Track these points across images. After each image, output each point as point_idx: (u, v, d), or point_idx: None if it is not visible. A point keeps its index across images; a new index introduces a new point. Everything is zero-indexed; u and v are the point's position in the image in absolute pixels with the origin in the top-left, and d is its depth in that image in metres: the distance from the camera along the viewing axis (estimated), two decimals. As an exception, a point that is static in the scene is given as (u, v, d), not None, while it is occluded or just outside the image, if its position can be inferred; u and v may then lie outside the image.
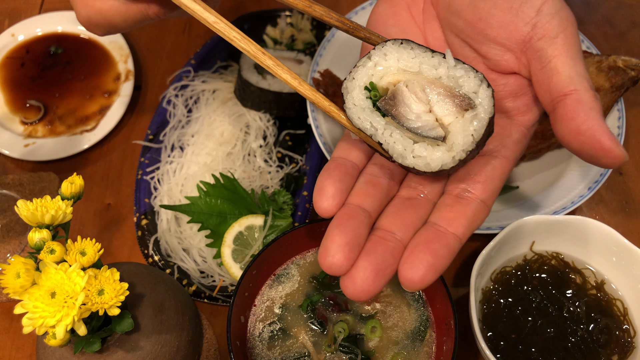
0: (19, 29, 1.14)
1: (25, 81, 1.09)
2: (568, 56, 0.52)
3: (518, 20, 0.54)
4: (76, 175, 0.65)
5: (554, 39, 0.53)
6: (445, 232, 0.51)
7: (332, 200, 0.53)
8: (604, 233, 0.73)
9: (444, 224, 0.52)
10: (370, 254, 0.49)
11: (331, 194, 0.53)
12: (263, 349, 0.71)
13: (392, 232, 0.52)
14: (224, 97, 1.02)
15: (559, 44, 0.53)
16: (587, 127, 0.50)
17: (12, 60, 1.12)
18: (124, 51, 1.11)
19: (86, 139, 1.01)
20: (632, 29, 1.14)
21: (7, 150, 0.99)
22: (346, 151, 0.57)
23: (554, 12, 0.53)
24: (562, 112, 0.52)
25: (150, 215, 0.91)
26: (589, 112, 0.50)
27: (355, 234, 0.50)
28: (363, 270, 0.48)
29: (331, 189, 0.53)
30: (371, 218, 0.53)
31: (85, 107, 1.06)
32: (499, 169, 0.55)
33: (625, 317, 0.73)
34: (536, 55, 0.54)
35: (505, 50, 0.56)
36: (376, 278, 0.48)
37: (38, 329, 0.53)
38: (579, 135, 0.50)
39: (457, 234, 0.51)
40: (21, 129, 1.03)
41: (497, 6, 0.55)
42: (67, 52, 1.13)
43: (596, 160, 0.51)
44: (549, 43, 0.53)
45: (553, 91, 0.53)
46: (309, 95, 0.56)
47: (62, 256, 0.58)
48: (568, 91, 0.52)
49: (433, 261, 0.49)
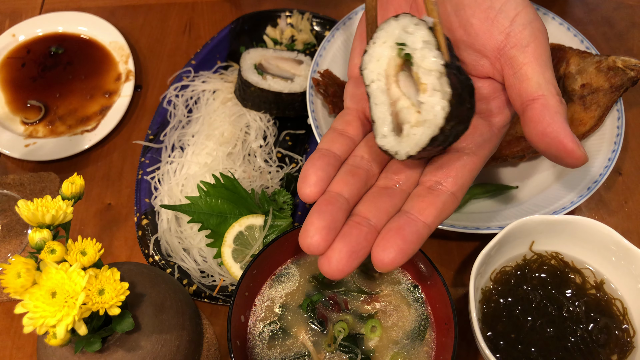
0: (19, 30, 1.15)
1: (25, 81, 1.10)
2: (537, 64, 0.58)
3: (493, 29, 0.59)
4: (77, 175, 0.65)
5: (525, 48, 0.58)
6: (416, 219, 0.56)
7: (314, 188, 0.57)
8: (603, 233, 0.73)
9: (416, 213, 0.56)
10: (345, 237, 0.54)
11: (313, 181, 0.57)
12: (263, 349, 0.71)
13: (367, 218, 0.56)
14: (224, 97, 1.02)
15: (529, 52, 0.58)
16: (551, 129, 0.55)
17: (13, 60, 1.12)
18: (124, 51, 1.11)
19: (87, 139, 1.01)
20: (632, 29, 1.15)
21: (7, 150, 0.99)
22: (330, 143, 0.62)
23: (526, 22, 0.59)
24: (530, 115, 0.57)
25: (150, 215, 0.91)
26: (554, 115, 0.55)
27: (333, 219, 0.55)
28: (338, 252, 0.53)
29: (313, 177, 0.58)
30: (349, 204, 0.57)
31: (85, 107, 1.06)
32: (469, 165, 0.60)
33: (624, 317, 0.73)
34: (509, 62, 0.59)
35: (481, 56, 0.61)
36: (350, 259, 0.53)
37: (39, 329, 0.53)
38: (545, 137, 0.56)
39: (427, 222, 0.56)
40: (22, 129, 1.03)
41: (475, 15, 0.60)
42: (67, 52, 1.13)
43: (560, 160, 0.56)
44: (521, 51, 0.58)
45: (523, 95, 0.58)
46: None
47: (62, 256, 0.58)
48: (536, 96, 0.57)
49: (403, 245, 0.53)
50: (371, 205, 0.58)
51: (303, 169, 0.59)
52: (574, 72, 0.88)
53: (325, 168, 0.59)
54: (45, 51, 1.13)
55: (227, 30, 1.12)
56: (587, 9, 1.18)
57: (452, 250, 0.90)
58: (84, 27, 1.15)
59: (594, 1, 1.19)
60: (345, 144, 0.62)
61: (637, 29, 1.15)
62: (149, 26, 1.20)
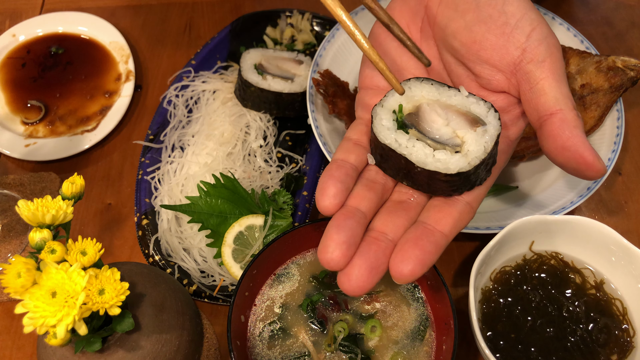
0: (19, 30, 1.15)
1: (26, 81, 1.10)
2: (554, 79, 0.58)
3: (509, 44, 0.60)
4: (77, 175, 0.65)
5: (541, 63, 0.58)
6: (433, 230, 0.56)
7: (333, 200, 0.57)
8: (603, 233, 0.73)
9: (432, 223, 0.57)
10: (364, 254, 0.54)
11: (332, 193, 0.57)
12: (263, 349, 0.71)
13: (385, 232, 0.57)
14: (225, 97, 1.02)
15: (546, 67, 0.58)
16: (571, 143, 0.56)
17: (13, 60, 1.12)
18: (124, 51, 1.11)
19: (87, 138, 1.01)
20: (631, 29, 1.15)
21: (7, 150, 0.99)
22: (346, 154, 0.62)
23: (541, 38, 0.59)
24: (548, 130, 0.57)
25: (150, 215, 0.91)
26: (573, 130, 0.56)
27: (352, 233, 0.55)
28: (358, 268, 0.53)
29: (332, 189, 0.57)
30: (366, 219, 0.58)
31: (86, 107, 1.06)
32: None
33: (624, 317, 0.73)
34: (525, 77, 0.59)
35: (497, 71, 0.62)
36: (370, 275, 0.53)
37: (39, 329, 0.53)
38: (565, 151, 0.56)
39: (444, 232, 0.56)
40: (22, 129, 1.03)
41: (491, 31, 0.60)
42: (67, 52, 1.13)
43: (579, 173, 0.57)
44: (537, 66, 0.59)
45: (540, 110, 0.58)
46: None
47: (62, 256, 0.58)
48: (554, 110, 0.57)
49: (421, 256, 0.54)
50: (387, 219, 0.58)
51: (321, 181, 0.59)
52: (573, 72, 0.88)
53: (343, 179, 0.59)
54: (46, 51, 1.13)
55: (227, 30, 1.12)
56: (587, 9, 1.18)
57: (452, 250, 0.90)
58: (84, 27, 1.15)
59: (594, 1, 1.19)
60: (361, 154, 0.63)
61: (636, 29, 1.15)
62: (149, 26, 1.20)
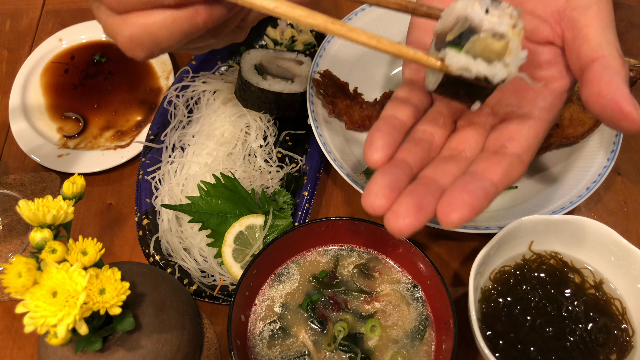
0: (65, 35, 1.14)
1: (66, 88, 1.09)
2: (599, 25, 0.56)
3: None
4: (77, 175, 0.66)
5: (587, 10, 0.56)
6: (482, 177, 0.54)
7: (381, 152, 0.56)
8: (602, 233, 0.74)
9: (481, 172, 0.55)
10: (412, 192, 0.53)
11: (380, 145, 0.56)
12: (263, 348, 0.71)
13: (434, 179, 0.55)
14: (225, 97, 1.02)
15: (591, 14, 0.56)
16: (608, 90, 0.53)
17: (57, 65, 1.11)
18: (166, 67, 1.11)
19: (119, 155, 0.99)
20: (631, 29, 1.15)
21: (42, 159, 0.98)
22: (394, 110, 0.61)
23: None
24: (588, 77, 0.54)
25: (151, 215, 0.92)
26: (613, 76, 0.53)
27: (397, 179, 0.53)
28: (405, 205, 0.51)
29: (380, 142, 0.56)
30: (412, 170, 0.57)
31: (122, 122, 1.05)
32: (534, 128, 0.58)
33: (623, 317, 0.74)
34: (569, 25, 0.57)
35: (541, 21, 0.59)
36: (417, 213, 0.51)
37: (39, 328, 0.54)
38: (601, 98, 0.53)
39: (494, 180, 0.54)
40: (57, 137, 1.02)
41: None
42: (110, 61, 1.12)
43: (615, 124, 0.53)
44: (582, 13, 0.56)
45: (582, 57, 0.56)
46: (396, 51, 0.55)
47: (63, 256, 0.58)
48: (596, 57, 0.55)
49: (469, 200, 0.51)
50: (437, 168, 0.57)
51: (369, 135, 0.58)
52: (573, 72, 0.88)
53: (391, 132, 0.58)
54: (89, 58, 1.12)
55: (228, 30, 1.12)
56: (586, 9, 1.18)
57: (451, 250, 0.90)
58: None
59: (594, 1, 1.19)
60: (410, 110, 0.61)
61: (636, 29, 1.15)
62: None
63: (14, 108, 1.05)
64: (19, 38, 1.20)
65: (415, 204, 0.51)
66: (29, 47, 1.18)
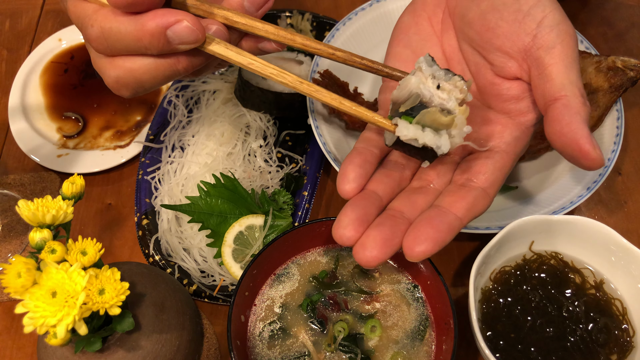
0: (65, 34, 1.14)
1: (66, 88, 1.09)
2: (563, 65, 0.58)
3: (520, 31, 0.60)
4: (77, 175, 0.66)
5: (551, 49, 0.58)
6: (447, 211, 0.57)
7: (352, 184, 0.59)
8: (602, 233, 0.74)
9: (446, 206, 0.58)
10: (379, 226, 0.56)
11: (352, 177, 0.59)
12: (263, 348, 0.71)
13: (401, 211, 0.58)
14: (225, 97, 1.02)
15: (555, 54, 0.58)
16: (569, 129, 0.56)
17: (57, 65, 1.11)
18: None
19: (119, 155, 0.99)
20: (631, 29, 1.15)
21: (41, 160, 0.98)
22: (367, 142, 0.64)
23: (553, 25, 0.59)
24: (550, 115, 0.57)
25: (151, 215, 0.92)
26: (574, 116, 0.56)
27: (365, 212, 0.57)
28: (372, 239, 0.55)
29: (352, 174, 0.60)
30: (382, 202, 0.60)
31: (121, 122, 1.05)
32: (500, 162, 0.61)
33: (624, 317, 0.73)
34: (535, 63, 0.60)
35: (509, 58, 0.62)
36: (384, 246, 0.54)
37: (39, 329, 0.53)
38: (562, 137, 0.56)
39: (458, 215, 0.57)
40: (56, 137, 1.02)
41: (503, 18, 0.61)
42: None
43: (576, 161, 0.57)
44: (547, 52, 0.59)
45: (546, 95, 0.58)
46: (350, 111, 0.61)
47: (63, 256, 0.58)
48: (559, 96, 0.57)
49: (434, 235, 0.54)
50: (405, 201, 0.60)
51: (342, 166, 0.61)
52: (573, 72, 0.88)
53: (363, 165, 0.61)
54: (89, 58, 1.10)
55: (227, 30, 1.12)
56: (587, 9, 1.18)
57: (452, 250, 0.90)
58: None
59: (594, 1, 1.19)
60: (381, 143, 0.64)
61: (636, 29, 1.15)
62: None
63: (13, 108, 1.05)
64: (18, 38, 1.20)
65: (382, 238, 0.55)
66: (28, 46, 1.18)
